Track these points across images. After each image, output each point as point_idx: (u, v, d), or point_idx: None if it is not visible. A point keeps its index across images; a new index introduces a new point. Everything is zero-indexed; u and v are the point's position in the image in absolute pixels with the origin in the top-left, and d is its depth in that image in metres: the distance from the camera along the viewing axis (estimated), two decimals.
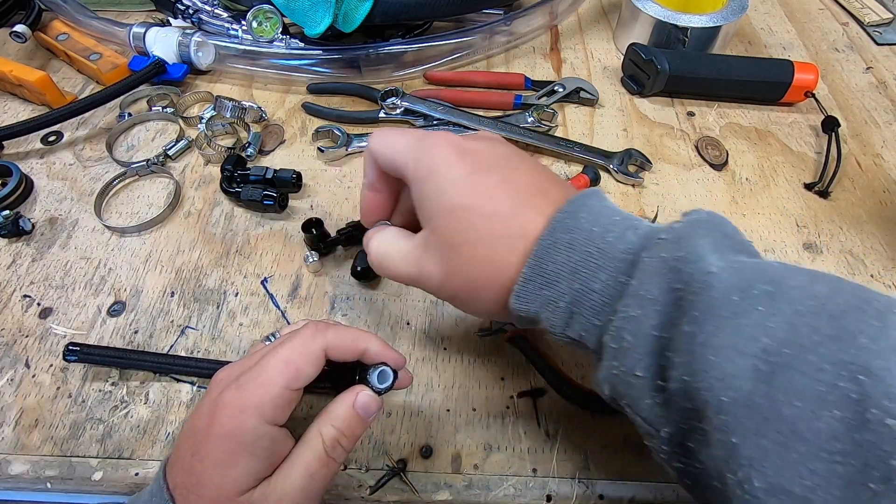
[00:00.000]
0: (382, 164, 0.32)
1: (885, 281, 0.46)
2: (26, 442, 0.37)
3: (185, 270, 0.46)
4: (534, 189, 0.28)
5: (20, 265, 0.46)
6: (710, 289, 0.23)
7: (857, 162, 0.55)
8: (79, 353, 0.38)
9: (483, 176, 0.28)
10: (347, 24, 0.58)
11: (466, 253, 0.28)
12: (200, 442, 0.27)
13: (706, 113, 0.59)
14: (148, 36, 0.59)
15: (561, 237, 0.26)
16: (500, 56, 0.66)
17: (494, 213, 0.27)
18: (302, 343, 0.29)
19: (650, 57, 0.57)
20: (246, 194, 0.48)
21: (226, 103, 0.54)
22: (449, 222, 0.28)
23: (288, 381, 0.28)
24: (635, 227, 0.27)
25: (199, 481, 0.27)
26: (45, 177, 0.53)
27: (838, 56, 0.67)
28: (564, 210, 0.27)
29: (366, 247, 0.34)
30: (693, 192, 0.52)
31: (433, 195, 0.28)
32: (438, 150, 0.29)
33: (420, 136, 0.30)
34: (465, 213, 0.27)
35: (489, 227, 0.27)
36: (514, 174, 0.29)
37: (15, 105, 0.60)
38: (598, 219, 0.27)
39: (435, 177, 0.28)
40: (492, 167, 0.29)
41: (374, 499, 0.35)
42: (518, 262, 0.27)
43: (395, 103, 0.57)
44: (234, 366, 0.30)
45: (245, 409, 0.27)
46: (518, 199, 0.28)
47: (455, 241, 0.28)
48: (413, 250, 0.30)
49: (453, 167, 0.28)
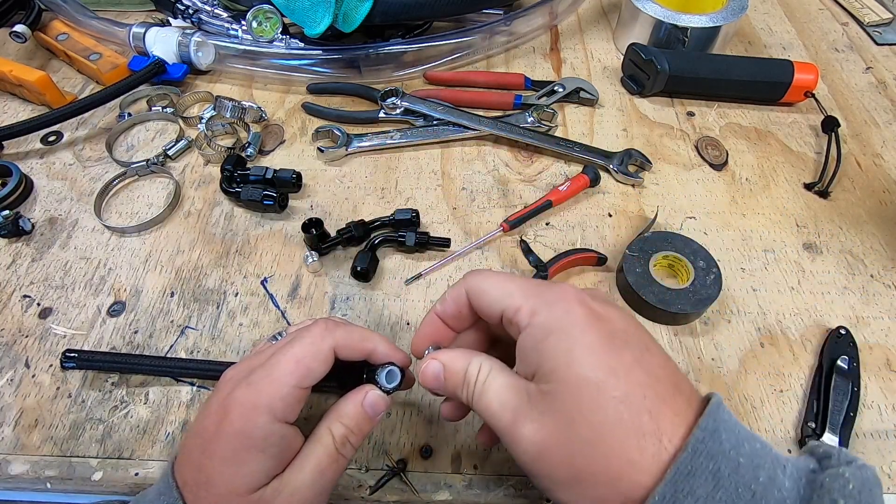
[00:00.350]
0: (479, 303, 0.29)
1: (885, 281, 0.46)
2: (26, 442, 0.37)
3: (185, 270, 0.46)
4: (668, 381, 0.25)
5: (20, 265, 0.46)
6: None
7: (856, 162, 0.55)
8: (76, 360, 0.39)
9: (618, 352, 0.25)
10: (347, 24, 0.58)
11: (584, 434, 0.24)
12: (210, 440, 0.27)
13: (706, 113, 0.59)
14: (148, 36, 0.59)
15: (703, 464, 0.22)
16: (500, 56, 0.66)
17: (625, 399, 0.24)
18: (312, 341, 0.29)
19: (650, 57, 0.57)
20: (246, 194, 0.48)
21: (226, 103, 0.54)
22: (573, 392, 0.24)
23: (298, 380, 0.28)
24: (779, 461, 0.24)
25: (209, 479, 0.27)
26: (45, 177, 0.53)
27: (838, 56, 0.67)
28: (704, 426, 0.23)
29: (440, 364, 0.29)
30: (693, 192, 0.52)
31: (558, 356, 0.25)
32: (569, 306, 0.26)
33: (536, 283, 0.28)
34: (595, 389, 0.24)
35: (617, 414, 0.23)
36: (648, 357, 0.25)
37: (15, 105, 0.60)
38: (740, 444, 0.23)
39: (564, 336, 0.25)
40: (627, 343, 0.25)
41: (374, 499, 0.35)
42: (646, 467, 0.23)
43: (395, 103, 0.57)
44: (242, 364, 0.30)
45: (256, 408, 0.27)
46: (653, 391, 0.24)
47: (574, 416, 0.24)
48: (515, 395, 0.26)
49: (587, 332, 0.25)
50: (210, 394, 0.31)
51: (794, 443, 0.37)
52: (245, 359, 0.31)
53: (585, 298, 0.27)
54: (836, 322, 0.43)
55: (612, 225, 0.49)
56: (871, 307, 0.44)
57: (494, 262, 0.47)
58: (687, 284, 0.43)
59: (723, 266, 0.44)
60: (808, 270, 0.46)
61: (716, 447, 0.23)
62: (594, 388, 0.24)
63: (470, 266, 0.46)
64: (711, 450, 0.23)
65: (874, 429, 0.38)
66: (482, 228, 0.49)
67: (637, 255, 0.44)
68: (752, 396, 0.39)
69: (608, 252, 0.46)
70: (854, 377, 0.39)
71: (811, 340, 0.42)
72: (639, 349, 0.26)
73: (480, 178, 0.53)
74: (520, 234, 0.49)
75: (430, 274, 0.46)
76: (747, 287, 0.45)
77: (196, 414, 0.32)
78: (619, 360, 0.25)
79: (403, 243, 0.46)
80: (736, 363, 0.41)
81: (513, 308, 0.27)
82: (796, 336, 0.42)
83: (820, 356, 0.41)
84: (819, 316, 0.44)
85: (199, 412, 0.30)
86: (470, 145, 0.56)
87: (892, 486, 0.36)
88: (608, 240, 0.48)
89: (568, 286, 0.28)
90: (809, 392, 0.39)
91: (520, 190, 0.52)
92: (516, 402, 0.26)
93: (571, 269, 0.46)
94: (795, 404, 0.39)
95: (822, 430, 0.37)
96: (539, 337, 0.26)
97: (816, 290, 0.45)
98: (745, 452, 0.23)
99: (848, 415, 0.37)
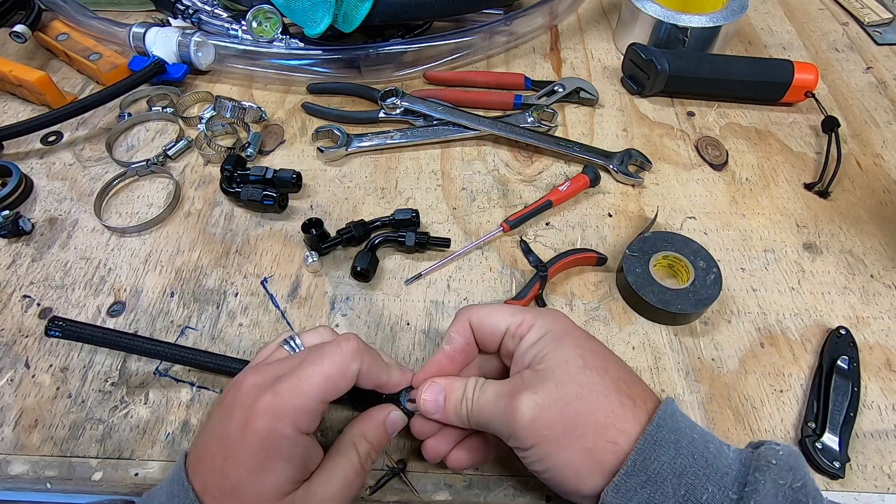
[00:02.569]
0: (483, 329, 0.33)
1: (885, 281, 0.46)
2: (26, 442, 0.37)
3: (185, 270, 0.46)
4: (633, 379, 0.31)
5: (20, 265, 0.46)
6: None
7: (857, 162, 0.55)
8: (62, 329, 0.37)
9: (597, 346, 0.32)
10: (347, 24, 0.58)
11: (574, 391, 0.28)
12: (234, 446, 0.28)
13: (706, 113, 0.59)
14: (148, 36, 0.59)
15: (666, 436, 0.27)
16: (500, 56, 0.66)
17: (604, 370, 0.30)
18: (343, 360, 0.30)
19: (650, 57, 0.57)
20: (246, 194, 0.48)
21: (226, 103, 0.54)
22: (563, 364, 0.29)
23: (325, 396, 0.29)
24: (724, 443, 0.29)
25: (235, 486, 0.27)
26: (45, 177, 0.53)
27: (838, 56, 0.67)
28: (664, 409, 0.28)
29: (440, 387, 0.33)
30: (693, 192, 0.52)
31: (550, 344, 0.30)
32: (559, 318, 0.32)
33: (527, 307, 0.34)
34: (581, 362, 0.29)
35: (600, 378, 0.29)
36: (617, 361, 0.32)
37: (15, 105, 0.60)
38: (692, 427, 0.29)
39: (556, 334, 0.31)
40: (602, 345, 0.32)
41: (374, 499, 0.35)
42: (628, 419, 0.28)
43: (394, 103, 0.57)
44: (263, 370, 0.30)
45: (282, 418, 0.28)
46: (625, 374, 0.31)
47: (564, 379, 0.29)
48: (509, 386, 0.30)
49: (573, 333, 0.32)
50: (226, 395, 0.30)
51: (794, 443, 0.37)
52: (264, 364, 0.31)
53: (571, 319, 0.33)
54: (836, 322, 0.43)
55: (612, 225, 0.49)
56: (871, 307, 0.44)
57: (494, 262, 0.47)
58: (687, 284, 0.43)
59: (723, 266, 0.44)
60: (808, 270, 0.46)
61: (675, 425, 0.28)
62: (580, 360, 0.29)
63: (470, 266, 0.46)
64: (671, 427, 0.28)
65: (874, 429, 0.38)
66: (482, 228, 0.49)
67: (637, 255, 0.44)
68: (752, 396, 0.39)
69: (608, 252, 0.46)
70: (854, 377, 0.39)
71: (811, 340, 0.42)
72: (611, 354, 0.32)
73: (480, 178, 0.53)
74: (520, 234, 0.49)
75: (430, 274, 0.46)
76: (747, 287, 0.45)
77: (209, 414, 0.31)
78: (598, 350, 0.31)
79: (403, 243, 0.46)
80: (736, 363, 0.41)
81: (515, 323, 0.32)
82: (796, 336, 0.42)
83: (820, 356, 0.41)
84: (819, 316, 0.44)
85: (215, 414, 0.30)
86: (470, 145, 0.56)
87: (891, 486, 0.36)
88: (608, 240, 0.48)
89: (557, 310, 0.34)
90: (809, 392, 0.39)
91: (520, 190, 0.52)
92: (510, 389, 0.30)
93: (571, 268, 0.46)
94: (795, 404, 0.39)
95: (822, 430, 0.37)
96: (536, 335, 0.31)
97: (816, 290, 0.45)
98: (697, 431, 0.29)
99: (848, 415, 0.37)
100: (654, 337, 0.42)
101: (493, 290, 0.45)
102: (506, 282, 0.45)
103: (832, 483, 0.36)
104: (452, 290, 0.45)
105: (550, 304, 0.44)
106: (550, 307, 0.34)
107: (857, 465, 0.36)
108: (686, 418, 0.29)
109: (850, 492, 0.35)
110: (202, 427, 0.31)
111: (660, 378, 0.40)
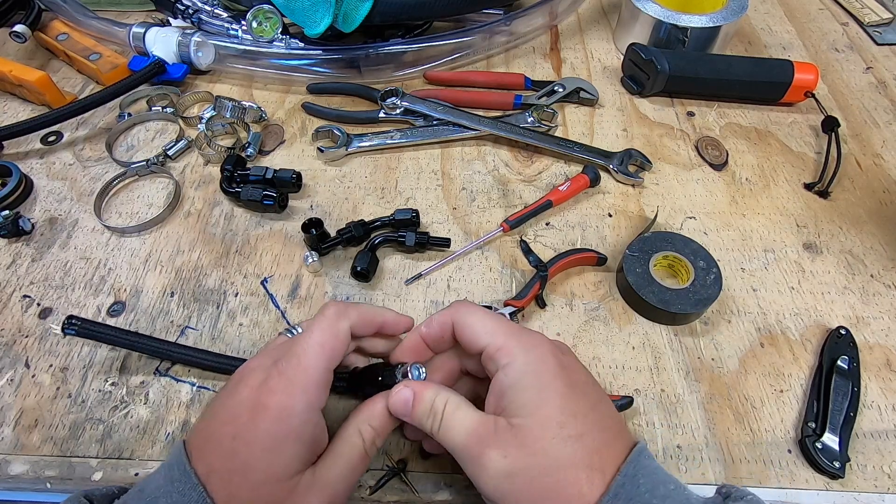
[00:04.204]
0: (463, 334, 0.32)
1: (884, 281, 0.46)
2: (26, 442, 0.37)
3: (185, 270, 0.46)
4: (613, 429, 0.29)
5: (20, 265, 0.46)
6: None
7: (857, 162, 0.55)
8: (77, 328, 0.38)
9: (579, 399, 0.29)
10: (347, 24, 0.58)
11: (545, 463, 0.27)
12: (244, 426, 0.28)
13: (706, 113, 0.59)
14: (148, 36, 0.59)
15: None
16: (500, 56, 0.66)
17: (580, 438, 0.27)
18: (330, 325, 0.31)
19: (650, 57, 0.57)
20: (246, 194, 0.48)
21: (226, 103, 0.54)
22: (540, 427, 0.28)
23: (326, 363, 0.30)
24: (689, 501, 0.27)
25: (245, 464, 0.27)
26: (45, 177, 0.53)
27: (838, 56, 0.67)
28: (624, 473, 0.27)
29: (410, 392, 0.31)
30: (693, 192, 0.52)
31: (530, 396, 0.28)
32: (543, 355, 0.30)
33: (516, 327, 0.32)
34: (557, 427, 0.27)
35: (573, 450, 0.27)
36: (601, 407, 0.30)
37: (15, 105, 0.60)
38: (655, 487, 0.27)
39: (537, 380, 0.29)
40: (586, 393, 0.30)
41: (374, 499, 0.35)
42: (593, 498, 0.26)
43: (394, 103, 0.57)
44: (261, 356, 0.31)
45: (293, 394, 0.28)
46: (601, 435, 0.28)
47: (538, 447, 0.27)
48: (482, 426, 0.29)
49: (556, 379, 0.29)
50: (228, 385, 0.31)
51: (794, 443, 0.37)
52: (262, 352, 0.32)
53: (555, 350, 0.30)
54: (836, 322, 0.43)
55: (612, 225, 0.49)
56: (871, 307, 0.44)
57: (494, 262, 0.47)
58: (687, 284, 0.43)
59: (723, 266, 0.44)
60: (808, 270, 0.46)
61: (633, 490, 0.26)
62: (557, 425, 0.27)
63: (470, 266, 0.46)
64: (629, 493, 0.26)
65: (874, 429, 0.38)
66: (482, 228, 0.49)
67: (637, 255, 0.44)
68: (752, 396, 0.39)
69: (608, 252, 0.46)
70: (854, 377, 0.39)
71: (811, 340, 0.42)
72: (594, 399, 0.30)
73: (480, 178, 0.53)
74: (520, 234, 0.49)
75: (430, 274, 0.46)
76: (747, 287, 0.45)
77: (210, 404, 0.32)
78: (579, 406, 0.28)
79: (403, 243, 0.46)
80: (736, 363, 0.41)
81: (494, 346, 0.30)
82: (796, 336, 0.42)
83: (820, 356, 0.41)
84: (819, 316, 0.44)
85: (218, 402, 0.30)
86: (470, 145, 0.56)
87: (891, 486, 0.36)
88: (608, 240, 0.48)
89: (541, 335, 0.31)
90: (809, 392, 0.39)
91: (520, 190, 0.52)
92: (483, 432, 0.28)
93: (571, 268, 0.46)
94: (795, 404, 0.39)
95: (822, 430, 0.37)
96: (516, 377, 0.29)
97: (816, 290, 0.45)
98: (658, 494, 0.27)
99: (848, 415, 0.37)
100: (654, 337, 0.42)
101: (493, 290, 0.45)
102: (506, 282, 0.45)
103: (832, 483, 0.36)
104: (452, 290, 0.45)
105: (550, 304, 0.44)
106: (535, 331, 0.32)
107: (857, 465, 0.36)
108: (652, 471, 0.28)
109: (850, 492, 0.35)
110: (202, 416, 0.31)
111: (660, 378, 0.40)
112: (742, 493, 0.28)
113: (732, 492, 0.28)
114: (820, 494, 0.35)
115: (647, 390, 0.40)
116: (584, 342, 0.42)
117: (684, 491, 0.28)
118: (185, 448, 0.29)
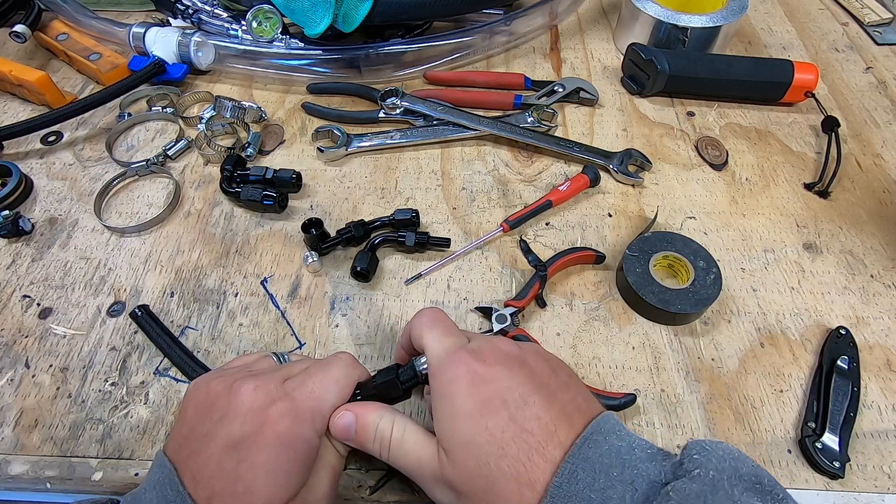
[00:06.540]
0: (415, 344, 0.33)
1: (885, 281, 0.46)
2: (26, 442, 0.37)
3: (185, 270, 0.46)
4: (541, 431, 0.28)
5: (20, 265, 0.46)
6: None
7: (857, 162, 0.55)
8: (140, 317, 0.42)
9: (494, 415, 0.28)
10: (347, 24, 0.58)
11: (481, 486, 0.27)
12: (249, 450, 0.28)
13: (706, 113, 0.59)
14: (148, 36, 0.59)
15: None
16: (500, 56, 0.66)
17: (504, 456, 0.27)
18: (346, 369, 0.33)
19: (650, 57, 0.57)
20: (246, 194, 0.48)
21: (226, 103, 0.54)
22: (463, 455, 0.28)
23: (336, 399, 0.31)
24: (635, 484, 0.26)
25: (248, 489, 0.27)
26: (45, 177, 0.53)
27: (838, 56, 0.67)
28: (561, 473, 0.26)
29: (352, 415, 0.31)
30: (693, 192, 0.52)
31: (445, 423, 0.29)
32: (457, 373, 0.29)
33: (452, 344, 0.31)
34: (477, 450, 0.27)
35: (499, 469, 0.27)
36: (524, 412, 0.28)
37: (15, 105, 0.60)
38: (596, 478, 0.26)
39: (448, 400, 0.29)
40: (504, 403, 0.28)
41: (374, 499, 0.35)
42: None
43: (394, 103, 0.57)
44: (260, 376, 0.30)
45: (302, 421, 0.29)
46: (526, 444, 0.27)
47: (469, 473, 0.27)
48: (429, 454, 0.29)
49: (468, 398, 0.28)
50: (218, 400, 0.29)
51: (794, 443, 0.37)
52: (257, 372, 0.31)
53: (472, 365, 0.29)
54: (836, 322, 0.43)
55: (612, 225, 0.49)
56: (871, 307, 0.44)
57: (494, 261, 0.47)
58: (687, 284, 0.43)
59: (723, 266, 0.44)
60: (808, 270, 0.46)
61: (572, 489, 0.26)
62: (476, 449, 0.27)
63: (470, 266, 0.46)
64: (567, 492, 0.26)
65: (874, 429, 0.38)
66: (482, 228, 0.49)
67: (637, 255, 0.44)
68: (752, 396, 0.39)
69: (608, 252, 0.46)
70: (854, 377, 0.39)
71: (811, 340, 0.42)
72: (515, 406, 0.28)
73: (480, 178, 0.53)
74: (520, 234, 0.49)
75: (430, 274, 0.46)
76: (747, 287, 0.45)
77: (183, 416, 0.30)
78: (496, 423, 0.27)
79: (403, 243, 0.46)
80: (736, 363, 0.41)
81: (429, 364, 0.31)
82: (796, 336, 0.42)
83: (820, 356, 0.41)
84: (819, 316, 0.44)
85: (201, 417, 0.29)
86: (470, 145, 0.56)
87: (891, 486, 0.36)
88: (608, 240, 0.48)
89: (464, 351, 0.30)
90: (809, 392, 0.39)
91: (520, 190, 0.52)
92: (427, 463, 0.29)
93: (571, 268, 0.46)
94: (795, 404, 0.39)
95: (822, 430, 0.37)
96: (435, 399, 0.29)
97: (816, 290, 0.45)
98: (597, 487, 0.26)
99: (848, 415, 0.37)
100: (654, 337, 0.42)
101: (492, 290, 0.45)
102: (506, 282, 0.45)
103: (832, 483, 0.36)
104: (452, 290, 0.45)
105: (550, 304, 0.44)
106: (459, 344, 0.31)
107: (857, 465, 0.36)
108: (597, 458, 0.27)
109: (850, 492, 0.35)
110: (180, 431, 0.30)
111: (660, 378, 0.40)
112: (695, 463, 0.26)
113: (685, 461, 0.26)
114: (820, 494, 0.35)
115: (647, 390, 0.40)
116: (584, 342, 0.42)
117: (633, 471, 0.26)
118: (171, 462, 0.28)
